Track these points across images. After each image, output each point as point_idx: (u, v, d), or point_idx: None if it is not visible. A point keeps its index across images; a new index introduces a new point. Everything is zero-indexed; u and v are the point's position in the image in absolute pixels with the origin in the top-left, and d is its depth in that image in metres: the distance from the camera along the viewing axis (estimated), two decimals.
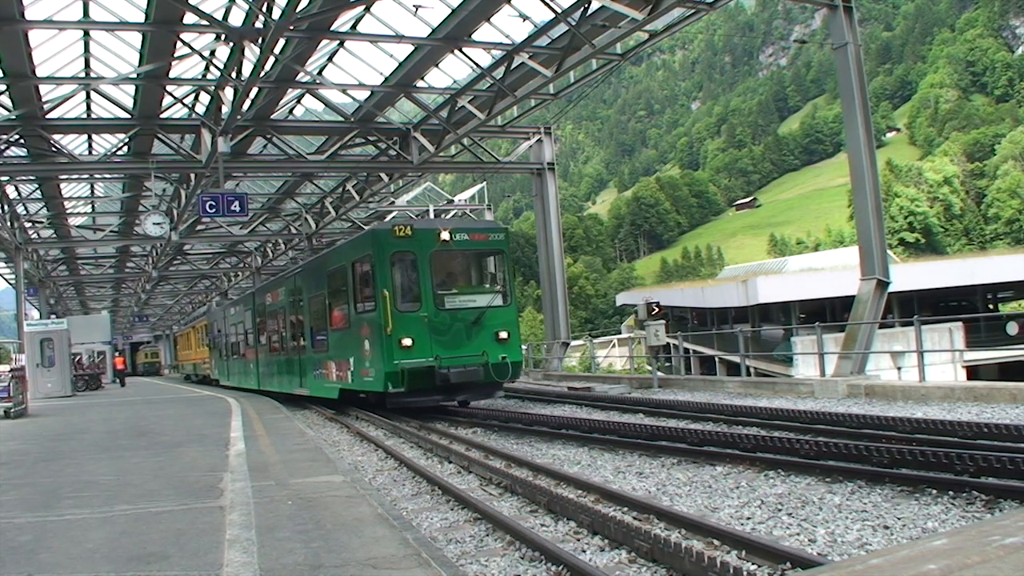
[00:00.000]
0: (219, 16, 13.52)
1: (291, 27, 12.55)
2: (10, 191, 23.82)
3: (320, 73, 17.42)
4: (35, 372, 24.61)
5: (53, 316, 33.58)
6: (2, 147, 17.46)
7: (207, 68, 16.05)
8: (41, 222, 28.86)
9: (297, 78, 16.80)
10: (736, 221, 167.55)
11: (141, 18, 13.63)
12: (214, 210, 16.78)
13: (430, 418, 13.41)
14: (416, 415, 13.43)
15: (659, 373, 17.75)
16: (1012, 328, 31.77)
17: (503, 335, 13.35)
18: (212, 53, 14.94)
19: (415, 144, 20.10)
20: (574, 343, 27.76)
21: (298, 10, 11.92)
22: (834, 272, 36.24)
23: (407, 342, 12.71)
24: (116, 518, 5.78)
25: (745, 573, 4.09)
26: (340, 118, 20.04)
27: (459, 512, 6.50)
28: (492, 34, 29.43)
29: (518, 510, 6.47)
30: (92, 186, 26.31)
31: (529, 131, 22.59)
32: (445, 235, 13.26)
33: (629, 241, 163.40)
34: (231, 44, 13.44)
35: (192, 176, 20.55)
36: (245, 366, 24.91)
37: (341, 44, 16.06)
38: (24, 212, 26.46)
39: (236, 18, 13.62)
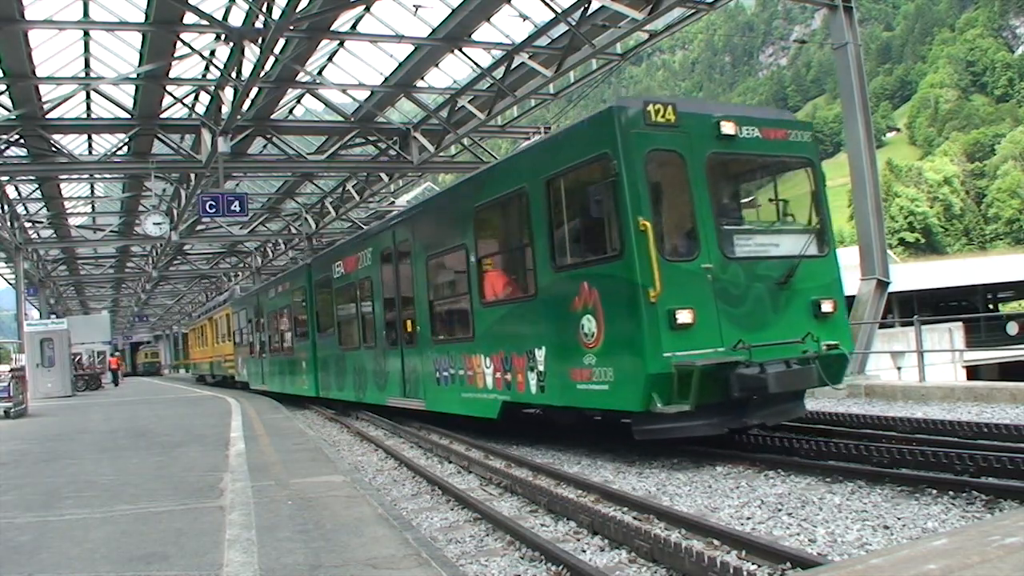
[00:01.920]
0: (219, 16, 13.52)
1: (291, 27, 12.55)
2: (10, 191, 23.82)
3: (320, 73, 17.42)
4: (35, 372, 24.60)
5: (53, 316, 33.56)
6: (2, 147, 17.46)
7: (207, 68, 16.05)
8: (41, 222, 28.86)
9: (297, 78, 16.80)
10: None
11: (141, 18, 13.63)
12: (214, 210, 16.79)
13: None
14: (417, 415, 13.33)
15: None
16: (1012, 328, 31.76)
17: (826, 306, 8.16)
18: (212, 53, 14.94)
19: (415, 144, 20.09)
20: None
21: (298, 10, 11.92)
22: None
23: (685, 317, 7.22)
24: (116, 518, 5.78)
25: (745, 573, 4.09)
26: (340, 118, 20.03)
27: (459, 512, 6.50)
28: (492, 34, 29.45)
29: (518, 510, 6.47)
30: (92, 186, 26.28)
31: (529, 131, 22.57)
32: (728, 127, 7.91)
33: None
34: (231, 44, 13.44)
35: (192, 176, 20.55)
36: (294, 365, 19.13)
37: (341, 44, 16.06)
38: (24, 212, 26.46)
39: (236, 18, 13.63)
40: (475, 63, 16.51)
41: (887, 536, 4.88)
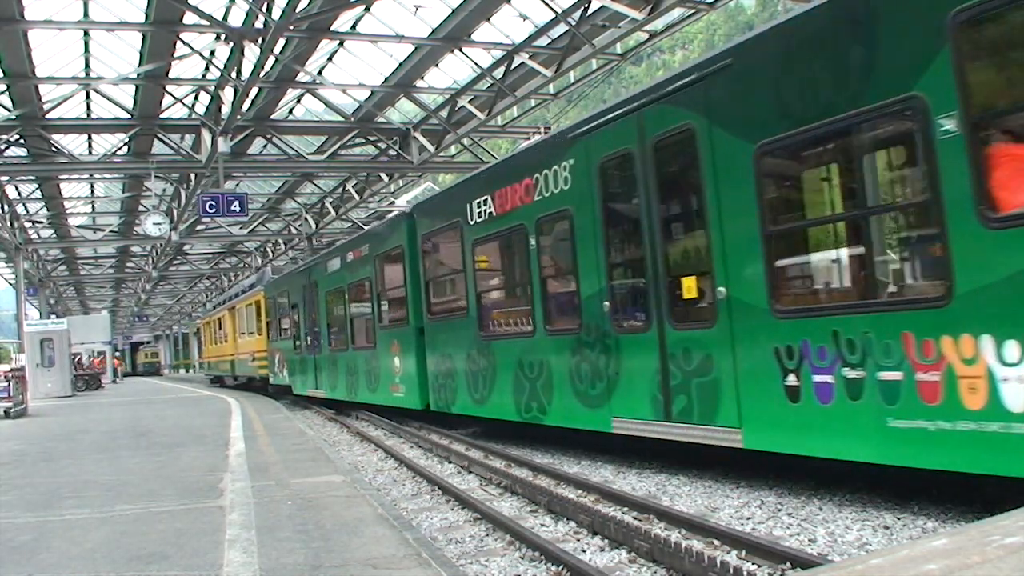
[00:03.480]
0: (219, 16, 13.52)
1: (291, 27, 12.55)
2: (10, 191, 23.81)
3: (320, 73, 17.41)
4: (35, 372, 24.61)
5: (53, 316, 33.59)
6: (2, 147, 17.46)
7: (207, 68, 16.05)
8: (41, 222, 28.86)
9: (297, 78, 16.80)
10: None
11: (141, 18, 13.64)
12: (214, 210, 16.79)
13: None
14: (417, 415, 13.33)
15: None
16: None
17: None
18: (212, 53, 14.94)
19: (415, 144, 20.09)
20: None
21: (298, 10, 11.92)
22: None
23: None
24: (116, 518, 5.78)
25: (745, 573, 4.09)
26: (340, 118, 20.02)
27: (459, 512, 6.50)
28: (492, 34, 29.42)
29: (518, 510, 6.47)
30: (92, 186, 26.28)
31: (529, 131, 22.57)
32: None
33: None
34: (231, 44, 13.44)
35: (192, 176, 20.55)
36: (379, 362, 13.64)
37: (341, 44, 16.06)
38: (24, 212, 26.46)
39: (236, 18, 13.62)
40: (475, 63, 16.51)
41: (887, 536, 4.88)
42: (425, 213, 11.86)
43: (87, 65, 16.06)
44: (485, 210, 9.71)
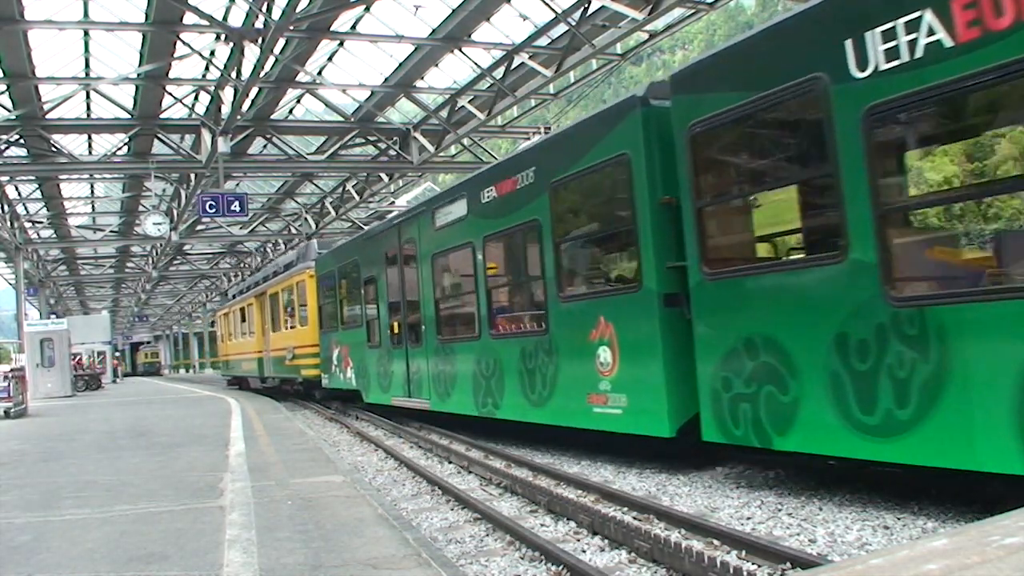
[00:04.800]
0: (219, 16, 13.52)
1: (291, 27, 12.56)
2: (10, 191, 23.82)
3: (320, 73, 17.42)
4: (35, 372, 24.62)
5: (53, 316, 33.60)
6: (2, 147, 17.46)
7: (207, 68, 16.05)
8: (41, 222, 28.87)
9: (297, 78, 16.80)
10: None
11: (141, 18, 13.65)
12: (214, 210, 16.80)
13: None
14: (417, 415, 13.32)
15: None
16: None
17: None
18: (212, 53, 14.94)
19: (415, 144, 20.10)
20: None
21: (298, 10, 11.93)
22: None
23: None
24: (116, 518, 5.78)
25: (745, 573, 4.09)
26: (340, 118, 20.03)
27: (459, 512, 6.50)
28: (492, 34, 29.42)
29: (518, 510, 6.47)
30: (92, 186, 26.30)
31: (529, 131, 22.59)
32: None
33: None
34: (231, 44, 13.45)
35: (192, 176, 20.55)
36: (555, 357, 8.69)
37: (341, 44, 16.07)
38: (24, 212, 26.46)
39: (236, 18, 13.63)
40: (475, 63, 16.51)
41: (887, 536, 4.88)
42: (706, 76, 6.62)
43: (87, 65, 16.06)
44: None
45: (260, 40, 12.46)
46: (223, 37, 13.65)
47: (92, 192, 27.14)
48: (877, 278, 5.08)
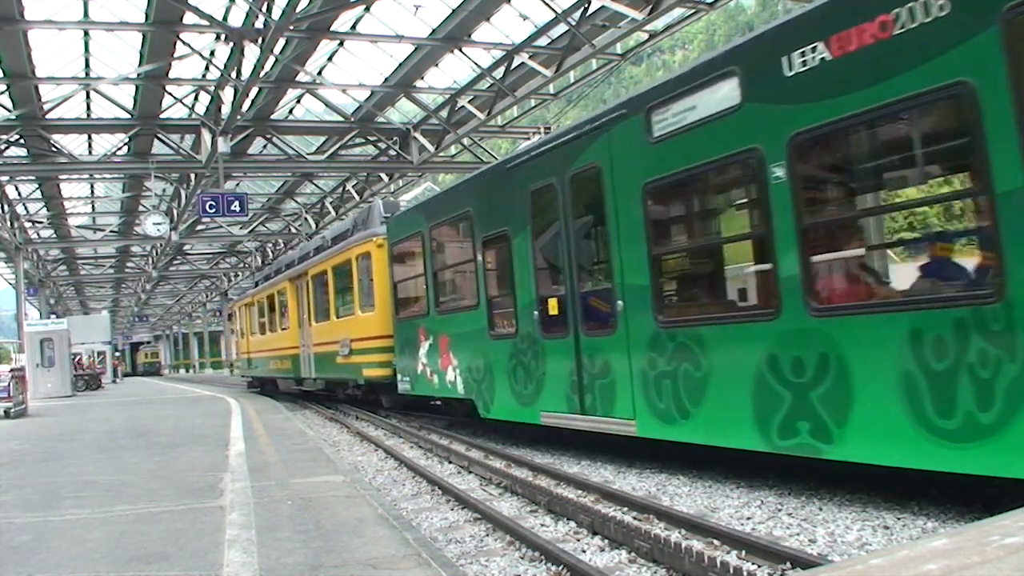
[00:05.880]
0: (219, 16, 13.53)
1: (291, 27, 12.56)
2: (10, 191, 23.83)
3: (320, 73, 17.43)
4: (35, 372, 24.62)
5: (53, 316, 33.61)
6: (2, 147, 17.47)
7: (207, 68, 16.06)
8: (41, 222, 28.88)
9: (297, 78, 16.81)
10: None
11: (141, 18, 13.66)
12: (214, 210, 16.80)
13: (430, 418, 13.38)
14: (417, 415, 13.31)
15: None
16: None
17: None
18: (212, 53, 14.95)
19: (415, 144, 20.11)
20: None
21: (298, 10, 11.93)
22: None
23: None
24: (116, 518, 5.77)
25: (745, 573, 4.09)
26: (340, 118, 20.03)
27: (459, 512, 6.50)
28: (492, 34, 29.43)
29: (518, 510, 6.47)
30: (92, 186, 26.31)
31: (529, 131, 22.59)
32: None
33: None
34: (231, 44, 13.45)
35: (192, 176, 20.56)
36: None
37: (341, 44, 16.07)
38: (24, 212, 26.47)
39: (236, 18, 13.64)
40: (475, 63, 16.52)
41: (887, 536, 4.88)
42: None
43: (87, 65, 16.07)
44: None
45: (260, 40, 12.47)
46: (223, 37, 13.66)
47: (92, 192, 27.16)
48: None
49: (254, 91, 15.74)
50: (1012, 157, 4.42)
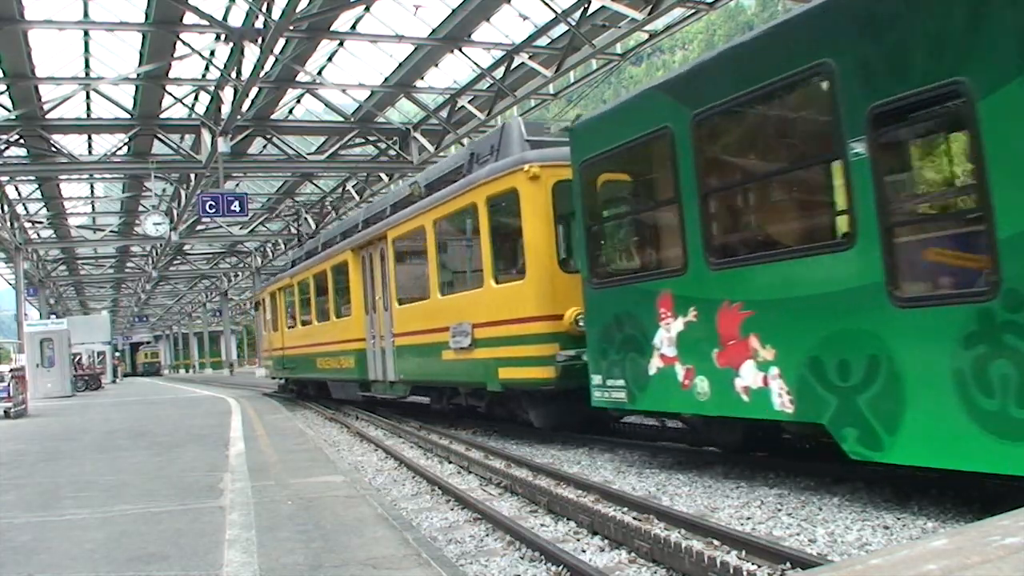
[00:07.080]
0: (219, 16, 13.54)
1: (291, 27, 12.57)
2: (10, 191, 23.83)
3: (320, 73, 17.43)
4: (35, 372, 24.61)
5: (53, 316, 33.61)
6: (2, 147, 17.47)
7: (207, 68, 16.07)
8: (41, 222, 28.91)
9: (297, 78, 16.82)
10: None
11: (141, 18, 13.66)
12: (214, 210, 16.80)
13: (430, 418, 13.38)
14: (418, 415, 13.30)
15: None
16: None
17: None
18: (212, 53, 14.95)
19: (415, 144, 20.12)
20: None
21: (298, 10, 11.93)
22: None
23: None
24: (116, 518, 5.77)
25: (745, 573, 4.09)
26: (340, 118, 20.04)
27: (459, 512, 6.49)
28: (492, 34, 29.42)
29: (518, 510, 6.47)
30: (92, 186, 26.33)
31: None
32: None
33: None
34: (231, 44, 13.46)
35: (192, 176, 20.57)
36: None
37: (341, 44, 16.08)
38: (24, 212, 26.48)
39: (236, 18, 13.65)
40: (475, 63, 16.53)
41: (887, 536, 4.87)
42: None
43: (87, 65, 16.08)
44: None
45: (260, 40, 12.47)
46: (223, 37, 13.66)
47: (92, 192, 27.18)
48: None
49: (254, 91, 15.75)
50: None
